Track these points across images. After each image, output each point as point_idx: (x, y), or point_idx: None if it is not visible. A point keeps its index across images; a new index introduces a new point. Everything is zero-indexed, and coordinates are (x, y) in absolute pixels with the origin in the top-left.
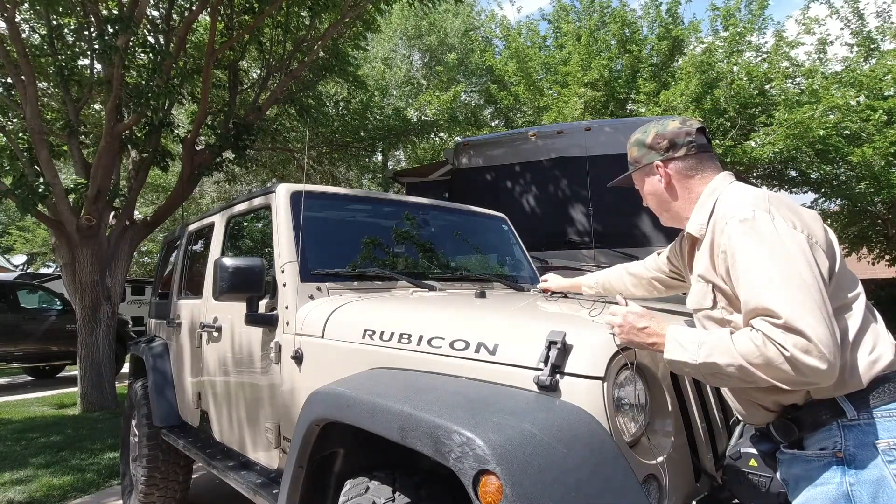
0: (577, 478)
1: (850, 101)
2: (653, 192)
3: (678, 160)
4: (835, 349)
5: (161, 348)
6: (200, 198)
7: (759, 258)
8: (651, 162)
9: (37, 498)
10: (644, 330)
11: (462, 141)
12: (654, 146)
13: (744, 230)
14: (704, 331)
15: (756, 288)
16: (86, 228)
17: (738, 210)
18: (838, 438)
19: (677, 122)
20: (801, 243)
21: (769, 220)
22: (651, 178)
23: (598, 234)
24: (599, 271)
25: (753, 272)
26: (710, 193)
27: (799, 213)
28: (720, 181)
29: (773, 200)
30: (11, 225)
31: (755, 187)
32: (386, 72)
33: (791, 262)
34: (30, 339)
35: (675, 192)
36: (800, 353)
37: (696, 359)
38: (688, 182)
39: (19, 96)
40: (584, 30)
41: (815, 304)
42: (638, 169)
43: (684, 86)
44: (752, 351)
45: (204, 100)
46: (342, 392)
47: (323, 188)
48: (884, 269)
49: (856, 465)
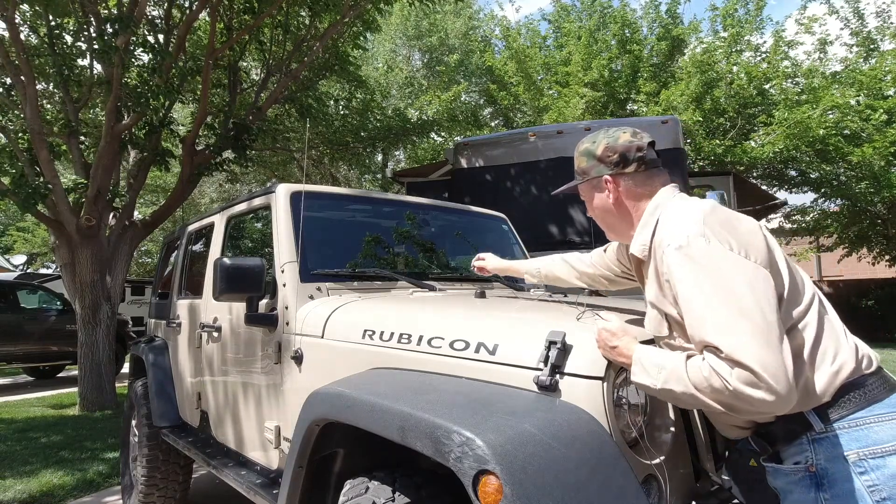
0: (576, 478)
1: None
2: (600, 207)
3: (627, 176)
4: (784, 378)
5: (161, 348)
6: (200, 198)
7: (697, 288)
8: (600, 175)
9: (37, 498)
10: (615, 349)
11: (462, 141)
12: (604, 159)
13: (680, 258)
14: (667, 354)
15: (697, 320)
16: (86, 228)
17: (673, 236)
18: (809, 452)
19: (628, 135)
20: (739, 266)
21: (704, 244)
22: (599, 192)
23: (597, 234)
24: (539, 258)
25: (693, 303)
26: (653, 211)
27: (736, 231)
28: (663, 196)
29: (709, 220)
30: (11, 225)
31: (694, 201)
32: (386, 72)
33: (729, 290)
34: (30, 340)
35: (623, 209)
36: (744, 386)
37: (657, 384)
38: (635, 198)
39: (19, 96)
40: (585, 30)
41: (759, 332)
42: (584, 181)
43: (684, 86)
44: (701, 382)
45: (204, 100)
46: (342, 392)
47: (323, 188)
48: (884, 269)
49: (829, 479)
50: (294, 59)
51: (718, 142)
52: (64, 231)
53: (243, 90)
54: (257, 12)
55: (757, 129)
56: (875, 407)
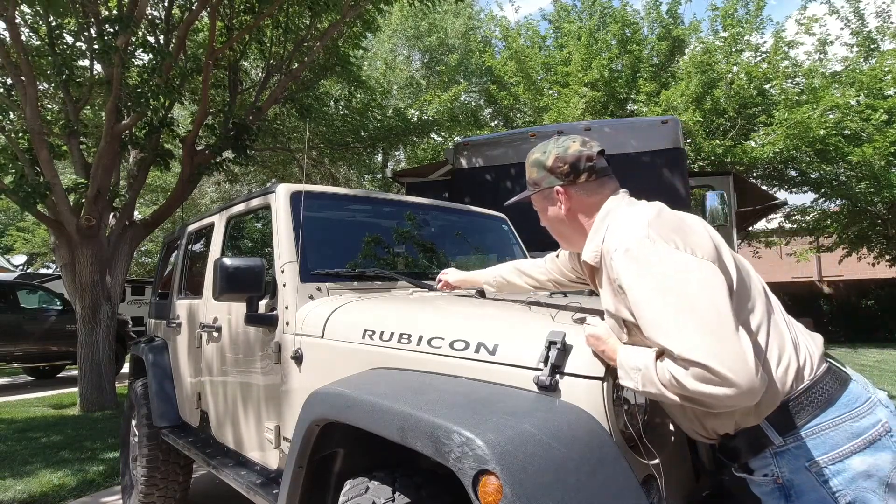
0: (576, 478)
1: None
2: (552, 218)
3: (578, 186)
4: (744, 368)
5: (161, 348)
6: (200, 198)
7: (644, 290)
8: (551, 186)
9: (37, 498)
10: (603, 353)
11: (462, 141)
12: (554, 170)
13: (627, 262)
14: (642, 355)
15: (649, 323)
16: (86, 228)
17: (619, 241)
18: (773, 466)
19: (577, 145)
20: (686, 262)
21: (648, 245)
22: (550, 201)
23: None
24: (494, 267)
25: (642, 306)
26: (604, 217)
27: (680, 230)
28: (613, 203)
29: (654, 223)
30: (11, 225)
31: (641, 205)
32: (386, 72)
33: (676, 288)
34: (30, 339)
35: (575, 219)
36: (702, 384)
37: (638, 387)
38: (586, 208)
39: (19, 97)
40: (585, 30)
41: (710, 326)
42: (536, 192)
43: (684, 86)
44: (667, 383)
45: (204, 100)
46: (342, 392)
47: (323, 188)
48: (884, 269)
49: (795, 490)
50: (294, 59)
51: (718, 142)
52: (64, 231)
53: (243, 90)
54: (257, 12)
55: (757, 130)
56: (829, 412)
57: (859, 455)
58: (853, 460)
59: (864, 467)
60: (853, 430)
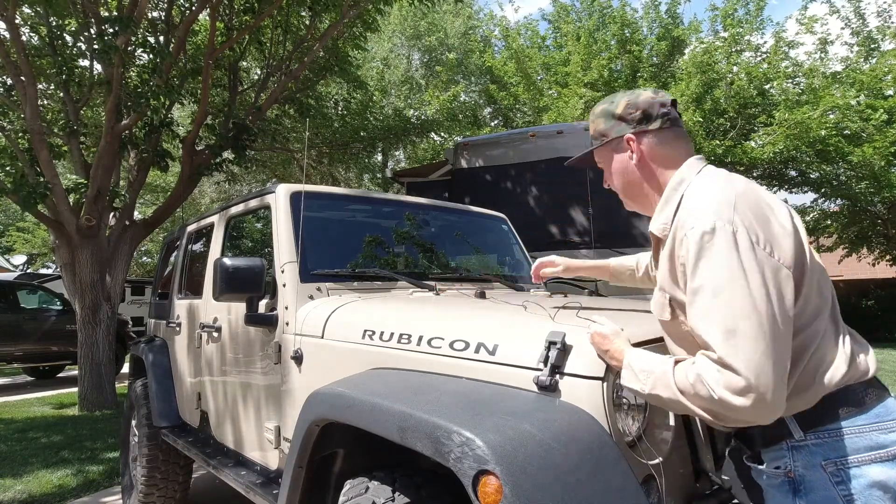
0: (576, 478)
1: (850, 101)
2: (621, 171)
3: (651, 134)
4: (775, 392)
5: (161, 348)
6: (200, 198)
7: (708, 280)
8: (621, 135)
9: (37, 498)
10: (607, 353)
11: (462, 141)
12: (625, 117)
13: (699, 245)
14: (656, 359)
15: (699, 314)
16: (86, 228)
17: (698, 219)
18: (788, 458)
19: (649, 92)
20: (761, 263)
21: (729, 235)
22: (620, 154)
23: (597, 234)
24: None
25: (701, 296)
26: (677, 186)
27: (765, 220)
28: (688, 170)
29: (740, 205)
30: (11, 225)
31: (724, 179)
32: (385, 72)
33: (741, 289)
34: (30, 339)
35: (648, 170)
36: (730, 394)
37: (644, 388)
38: (660, 160)
39: (19, 97)
40: (584, 30)
41: (763, 338)
42: (604, 144)
43: (684, 86)
44: (688, 388)
45: (204, 100)
46: (342, 392)
47: (323, 188)
48: (884, 269)
49: (805, 486)
50: (294, 59)
51: (718, 142)
52: (64, 231)
53: (243, 90)
54: (257, 12)
55: (757, 130)
56: (858, 418)
57: (879, 465)
58: (872, 469)
59: (882, 478)
60: (878, 441)
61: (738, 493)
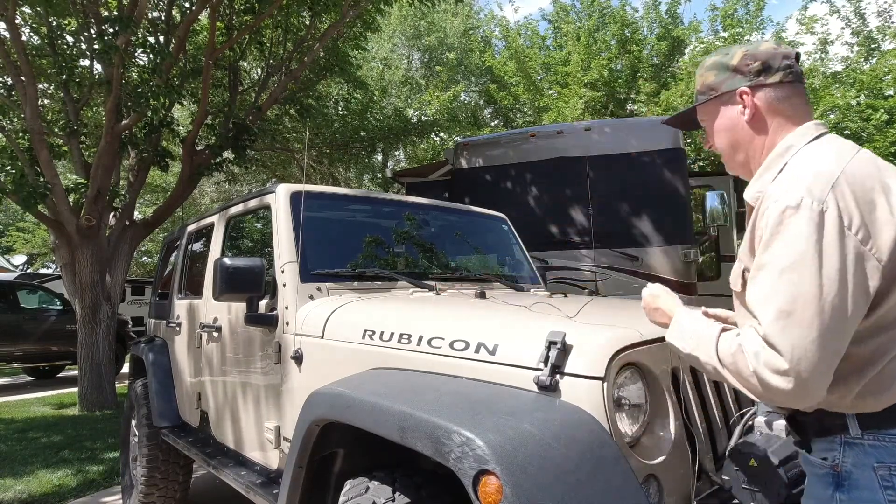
0: (576, 478)
1: (850, 101)
2: (729, 128)
3: (769, 88)
4: (814, 380)
5: (161, 348)
6: (200, 198)
7: (779, 259)
8: (734, 88)
9: (37, 497)
10: (657, 310)
11: (462, 141)
12: (742, 68)
13: (780, 221)
14: (706, 323)
15: (759, 289)
16: (86, 228)
17: (786, 193)
18: (838, 453)
19: (771, 43)
20: (846, 250)
21: (815, 214)
22: (730, 107)
23: (598, 234)
24: None
25: (767, 272)
26: (783, 152)
27: (871, 205)
28: (799, 136)
29: (841, 183)
30: (11, 225)
31: (836, 151)
32: (385, 72)
33: (812, 274)
34: (30, 339)
35: (760, 129)
36: (768, 371)
37: (685, 348)
38: (774, 118)
39: (19, 97)
40: (584, 30)
41: (817, 327)
42: (712, 98)
43: (684, 86)
44: (727, 357)
45: (204, 100)
46: (342, 392)
47: (323, 188)
48: None
49: (850, 483)
50: (294, 59)
51: None
52: (64, 231)
53: (243, 90)
54: (257, 12)
55: None
56: None
57: None
58: None
59: None
60: None
61: (738, 493)
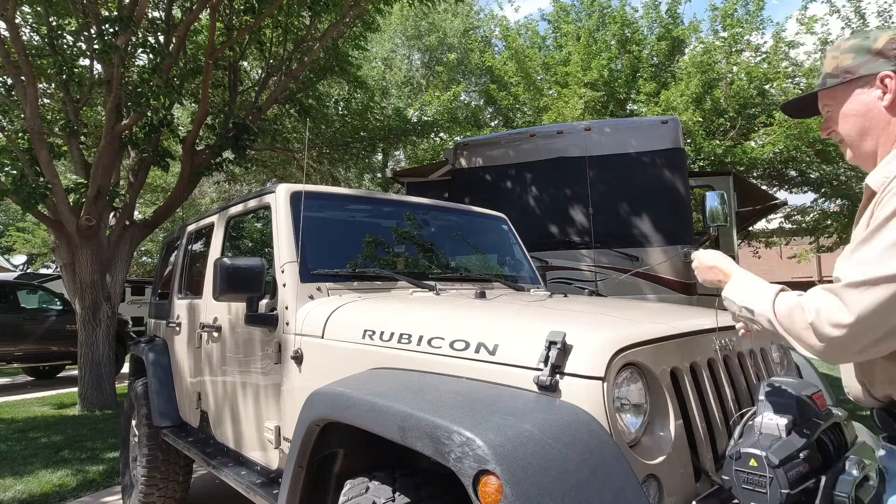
0: (576, 478)
1: None
2: (862, 113)
3: None
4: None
5: (161, 348)
6: (200, 198)
7: (885, 238)
8: (875, 72)
9: (37, 498)
10: (712, 269)
11: (462, 141)
12: (886, 52)
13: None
14: (763, 281)
15: (859, 253)
16: (86, 228)
17: None
18: None
19: None
20: None
21: None
22: (867, 91)
23: (597, 234)
24: None
25: (866, 245)
26: None
27: None
28: None
29: None
30: (11, 225)
31: None
32: (386, 72)
33: None
34: (30, 339)
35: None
36: (827, 325)
37: (740, 300)
38: None
39: (19, 97)
40: (584, 30)
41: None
42: (846, 81)
43: (684, 86)
44: (784, 310)
45: (204, 100)
46: (342, 392)
47: (323, 188)
48: None
49: None
50: (294, 59)
51: (718, 142)
52: (64, 231)
53: (243, 90)
54: (257, 12)
55: (757, 130)
56: None
57: None
58: None
59: None
60: None
61: (738, 493)
